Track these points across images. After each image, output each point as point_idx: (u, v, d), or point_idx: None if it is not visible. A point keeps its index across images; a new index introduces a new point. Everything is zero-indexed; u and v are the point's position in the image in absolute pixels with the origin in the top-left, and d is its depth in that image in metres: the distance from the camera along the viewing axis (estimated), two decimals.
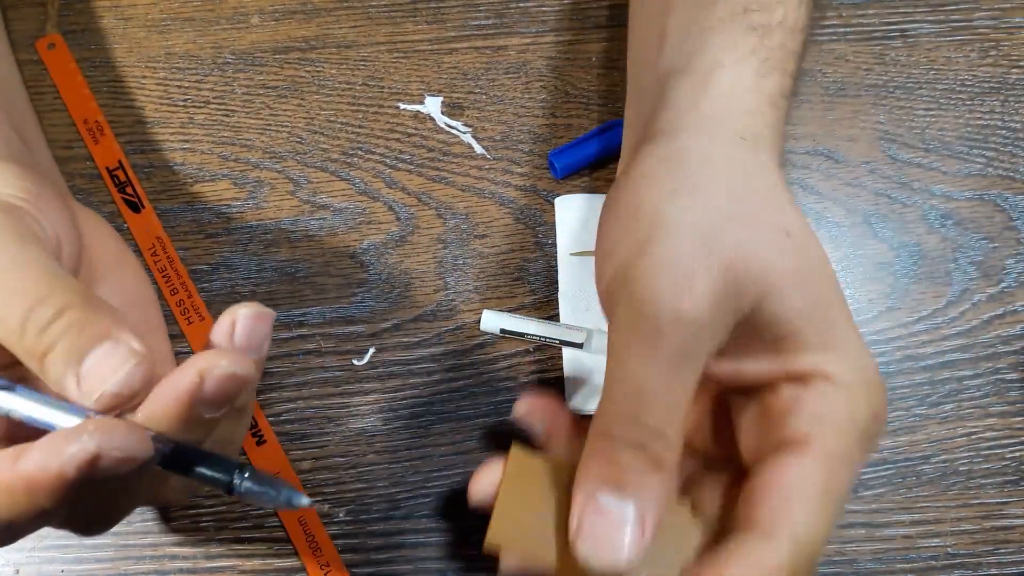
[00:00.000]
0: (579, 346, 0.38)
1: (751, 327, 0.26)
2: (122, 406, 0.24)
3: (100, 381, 0.23)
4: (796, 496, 0.24)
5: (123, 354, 0.24)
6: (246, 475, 0.23)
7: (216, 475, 0.23)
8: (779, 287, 0.25)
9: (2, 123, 0.35)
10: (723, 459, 0.29)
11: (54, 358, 0.24)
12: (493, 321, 0.39)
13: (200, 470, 0.23)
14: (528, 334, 0.39)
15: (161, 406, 0.24)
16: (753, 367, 0.27)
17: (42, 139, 0.41)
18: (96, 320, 0.24)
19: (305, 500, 0.24)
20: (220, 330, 0.25)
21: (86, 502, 0.26)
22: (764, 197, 0.27)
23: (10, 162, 0.31)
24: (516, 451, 0.27)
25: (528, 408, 0.29)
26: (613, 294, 0.27)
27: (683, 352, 0.24)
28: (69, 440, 0.22)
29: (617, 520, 0.23)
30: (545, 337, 0.39)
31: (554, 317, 0.40)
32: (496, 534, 0.26)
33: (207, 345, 0.25)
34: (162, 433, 0.24)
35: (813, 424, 0.25)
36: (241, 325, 0.25)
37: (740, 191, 0.27)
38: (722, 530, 0.26)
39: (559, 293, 0.40)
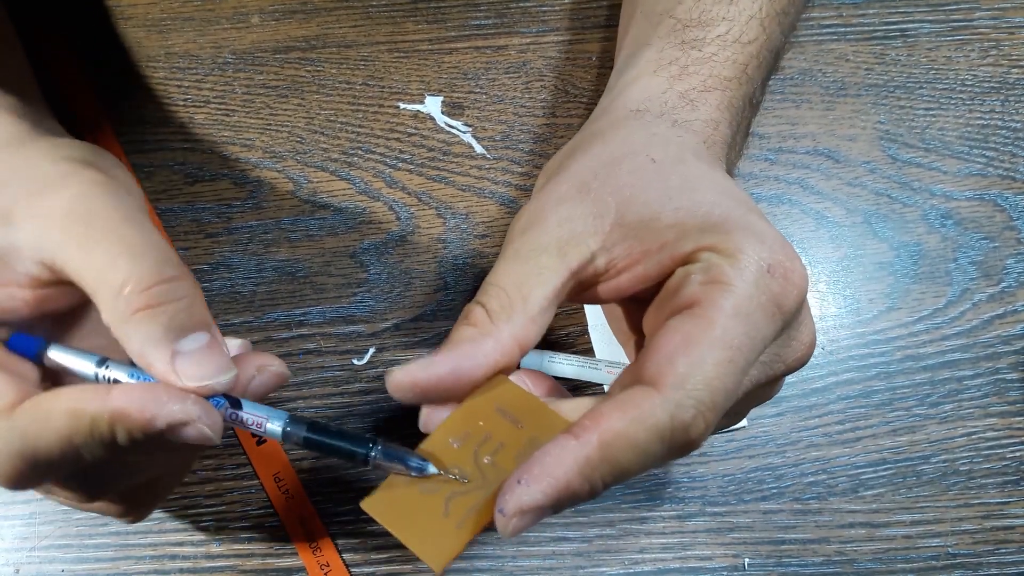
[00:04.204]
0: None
1: (638, 237, 0.27)
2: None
3: (196, 370, 0.24)
4: (681, 349, 0.24)
5: (220, 361, 0.25)
6: (379, 447, 0.25)
7: (353, 448, 0.26)
8: (636, 192, 0.28)
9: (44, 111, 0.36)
10: None
11: (151, 318, 0.24)
12: (534, 361, 0.38)
13: (338, 445, 0.26)
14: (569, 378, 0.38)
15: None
16: (649, 268, 0.27)
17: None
18: (200, 304, 0.25)
19: (432, 468, 0.25)
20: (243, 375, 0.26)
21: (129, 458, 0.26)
22: (638, 142, 0.30)
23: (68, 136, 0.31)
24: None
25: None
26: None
27: (538, 248, 0.27)
28: (172, 397, 0.23)
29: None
30: (589, 382, 0.38)
31: (561, 335, 0.40)
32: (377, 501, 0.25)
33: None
34: (298, 415, 0.25)
35: (701, 289, 0.25)
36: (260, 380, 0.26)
37: (619, 141, 0.30)
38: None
39: (590, 327, 0.40)
